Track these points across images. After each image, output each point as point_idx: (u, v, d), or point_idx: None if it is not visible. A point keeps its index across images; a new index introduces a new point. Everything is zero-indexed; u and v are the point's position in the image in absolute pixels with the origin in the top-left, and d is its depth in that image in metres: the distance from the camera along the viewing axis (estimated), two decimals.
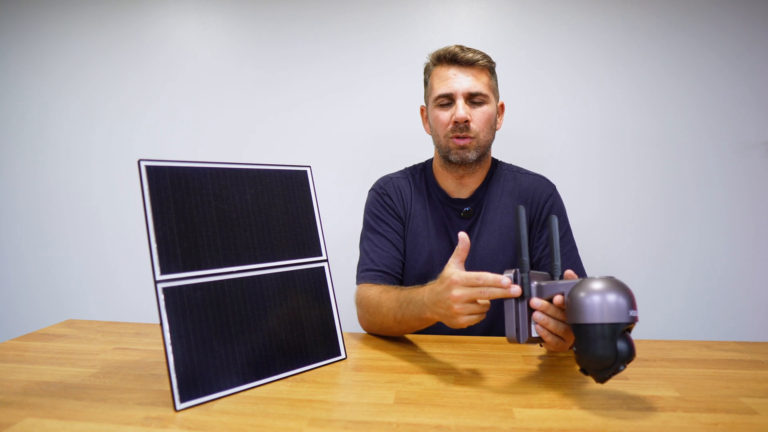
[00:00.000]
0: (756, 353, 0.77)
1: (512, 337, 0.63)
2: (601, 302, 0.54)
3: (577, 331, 0.56)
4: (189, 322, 0.59)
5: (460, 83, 0.95)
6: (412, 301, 0.77)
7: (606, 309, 0.54)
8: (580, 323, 0.55)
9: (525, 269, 0.64)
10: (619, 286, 0.56)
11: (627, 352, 0.54)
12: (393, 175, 1.10)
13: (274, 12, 1.58)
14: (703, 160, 1.45)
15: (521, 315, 0.63)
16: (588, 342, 0.55)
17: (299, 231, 0.74)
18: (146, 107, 1.65)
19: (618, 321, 0.54)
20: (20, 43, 1.69)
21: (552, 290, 0.62)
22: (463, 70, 0.96)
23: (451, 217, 1.03)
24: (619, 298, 0.54)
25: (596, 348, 0.54)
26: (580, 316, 0.55)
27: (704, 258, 1.45)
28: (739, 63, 1.42)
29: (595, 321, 0.54)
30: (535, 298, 0.63)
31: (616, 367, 0.54)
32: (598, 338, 0.54)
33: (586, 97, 1.48)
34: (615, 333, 0.54)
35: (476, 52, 0.96)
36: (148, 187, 0.59)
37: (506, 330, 0.64)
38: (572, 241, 1.01)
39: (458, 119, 0.94)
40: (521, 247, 0.65)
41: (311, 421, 0.53)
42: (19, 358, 0.74)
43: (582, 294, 0.56)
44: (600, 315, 0.54)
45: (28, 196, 1.71)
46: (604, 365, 0.54)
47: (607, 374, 0.55)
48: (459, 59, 0.95)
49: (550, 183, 1.06)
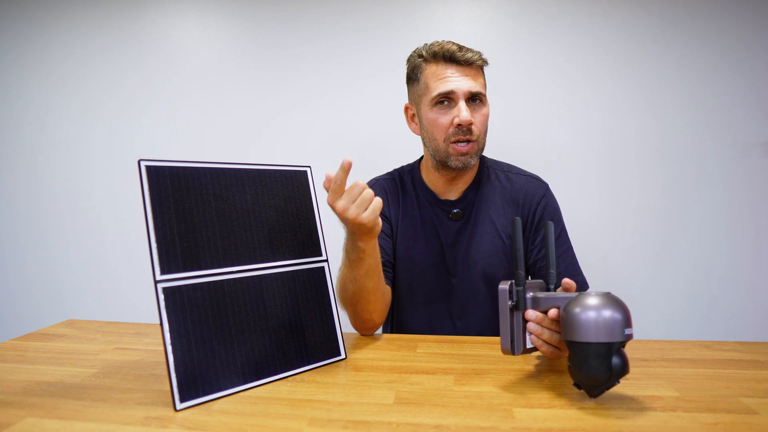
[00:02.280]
0: (756, 353, 0.77)
1: (507, 349, 0.63)
2: (596, 320, 0.54)
3: (571, 348, 0.56)
4: (189, 322, 0.59)
5: (461, 83, 0.91)
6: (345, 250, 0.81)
7: (602, 327, 0.53)
8: (575, 341, 0.55)
9: (521, 283, 0.64)
10: (615, 303, 0.55)
11: (620, 367, 0.54)
12: (380, 177, 1.09)
13: (274, 12, 1.58)
14: (703, 160, 1.45)
15: (516, 327, 0.63)
16: (582, 360, 0.55)
17: (299, 231, 0.74)
18: (146, 107, 1.65)
19: (613, 340, 0.53)
20: (20, 43, 1.69)
21: (548, 303, 0.62)
22: (462, 69, 0.92)
23: (440, 218, 1.01)
24: (615, 315, 0.53)
25: (590, 367, 0.54)
26: (575, 334, 0.55)
27: (704, 258, 1.45)
28: (739, 63, 1.42)
29: (590, 340, 0.54)
30: (530, 310, 0.63)
31: (611, 383, 0.55)
32: (592, 356, 0.54)
33: (586, 97, 1.48)
34: (610, 351, 0.53)
35: (472, 51, 0.93)
36: (148, 187, 0.59)
37: (501, 342, 0.64)
38: (567, 241, 1.00)
39: (463, 122, 0.90)
40: (517, 260, 0.65)
41: (311, 421, 0.53)
42: (19, 358, 0.74)
43: (578, 310, 0.55)
44: (595, 334, 0.53)
45: (28, 196, 1.71)
46: (598, 382, 0.55)
47: (601, 390, 0.55)
48: (458, 58, 0.91)
49: (542, 183, 1.04)
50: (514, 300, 0.63)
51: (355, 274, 0.81)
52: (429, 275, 1.00)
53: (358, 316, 0.87)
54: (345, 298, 0.86)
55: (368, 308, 0.85)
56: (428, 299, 1.01)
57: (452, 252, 1.00)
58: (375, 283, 0.83)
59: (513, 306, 0.63)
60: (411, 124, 1.03)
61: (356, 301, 0.85)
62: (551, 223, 0.67)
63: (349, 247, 0.80)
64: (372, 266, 0.81)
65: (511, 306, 0.63)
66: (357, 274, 0.81)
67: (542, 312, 0.63)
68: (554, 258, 0.66)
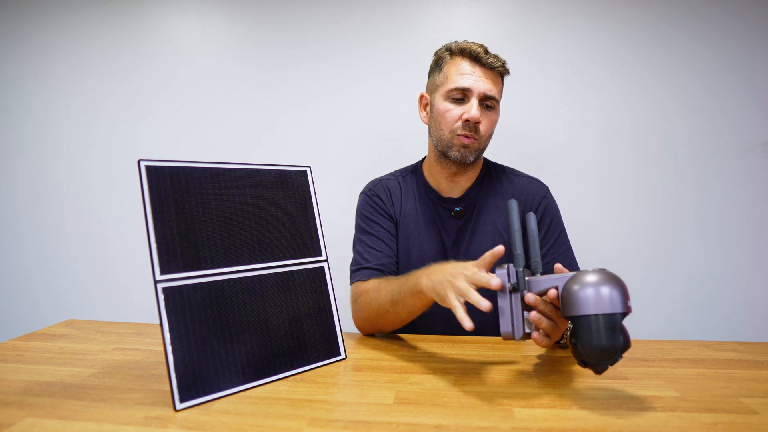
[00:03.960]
0: (756, 353, 0.77)
1: (508, 333, 0.62)
2: (601, 292, 0.55)
3: (578, 324, 0.56)
4: (189, 322, 0.59)
5: (479, 84, 0.93)
6: (412, 275, 0.79)
7: (608, 299, 0.54)
8: (582, 315, 0.55)
9: (519, 264, 0.63)
10: (613, 276, 0.56)
11: (624, 341, 0.55)
12: (382, 177, 1.10)
13: (274, 13, 1.58)
14: (702, 160, 1.45)
15: (515, 311, 0.62)
16: (591, 333, 0.54)
17: (299, 231, 0.74)
18: (147, 107, 1.65)
19: (619, 311, 0.54)
20: (21, 43, 1.69)
21: (546, 284, 0.62)
22: (483, 71, 0.95)
23: (443, 216, 1.03)
24: (618, 287, 0.55)
25: (600, 338, 0.54)
26: (581, 308, 0.55)
27: (703, 257, 1.45)
28: (738, 63, 1.42)
29: (598, 311, 0.54)
30: (529, 293, 0.62)
31: (617, 357, 0.55)
32: (602, 329, 0.54)
33: (585, 96, 1.48)
34: (617, 323, 0.54)
35: (498, 58, 0.96)
36: (148, 187, 0.60)
37: (501, 326, 0.63)
38: (567, 242, 1.00)
39: (472, 118, 0.92)
40: (514, 240, 0.64)
41: (311, 421, 0.53)
42: (19, 358, 0.74)
43: (580, 286, 0.56)
44: (602, 305, 0.54)
45: (30, 196, 1.72)
46: (606, 356, 0.55)
47: (607, 365, 0.55)
48: (482, 60, 0.94)
49: (543, 185, 1.05)
50: (513, 282, 0.62)
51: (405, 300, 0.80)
52: None
53: (369, 323, 0.89)
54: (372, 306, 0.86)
55: (386, 326, 0.88)
56: None
57: (454, 250, 1.01)
58: (408, 317, 0.84)
59: (512, 288, 0.62)
60: (421, 113, 1.05)
61: (380, 315, 0.85)
62: (532, 214, 0.68)
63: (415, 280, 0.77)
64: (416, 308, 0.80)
65: (510, 288, 0.62)
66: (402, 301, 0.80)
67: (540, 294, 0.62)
68: (537, 247, 0.66)
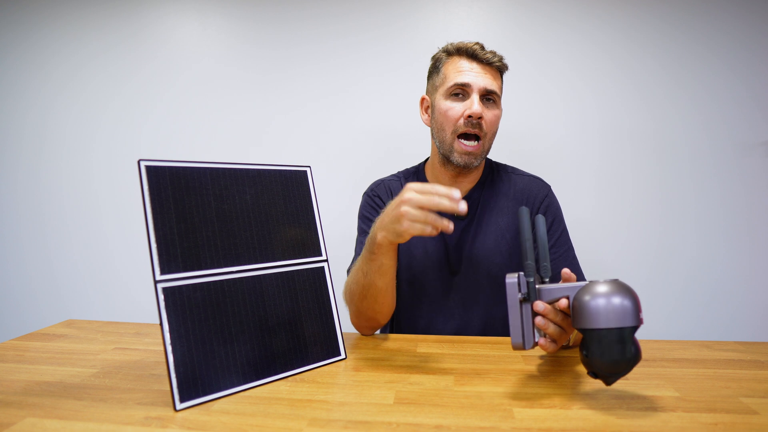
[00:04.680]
0: (756, 353, 0.77)
1: (518, 344, 0.61)
2: (614, 305, 0.54)
3: (590, 336, 0.55)
4: (189, 322, 0.59)
5: (478, 79, 0.93)
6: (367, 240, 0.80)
7: (621, 312, 0.53)
8: (595, 328, 0.54)
9: (530, 273, 0.62)
10: (626, 288, 0.55)
11: (635, 353, 0.54)
12: (385, 178, 1.10)
13: (274, 13, 1.58)
14: (702, 160, 1.45)
15: (526, 321, 0.61)
16: (602, 347, 0.54)
17: (299, 231, 0.74)
18: (147, 108, 1.65)
19: (630, 324, 0.53)
20: (21, 44, 1.69)
21: (557, 293, 0.61)
22: (482, 67, 0.95)
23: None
24: (631, 300, 0.54)
25: (612, 352, 0.53)
26: (592, 321, 0.54)
27: (703, 258, 1.45)
28: (738, 63, 1.42)
29: (609, 325, 0.53)
30: (539, 301, 0.61)
31: (628, 369, 0.54)
32: (613, 342, 0.53)
33: (585, 97, 1.48)
34: (629, 336, 0.54)
35: (495, 53, 0.96)
36: (148, 187, 0.60)
37: (512, 337, 0.62)
38: (568, 242, 1.00)
39: (473, 113, 0.92)
40: (526, 250, 0.64)
41: (311, 421, 0.53)
42: (19, 358, 0.74)
43: (591, 297, 0.55)
44: (614, 318, 0.53)
45: (30, 196, 1.72)
46: (618, 369, 0.54)
47: (618, 377, 0.56)
48: (479, 57, 0.94)
49: (545, 184, 1.05)
50: (524, 292, 0.61)
51: (368, 268, 0.81)
52: (431, 273, 1.01)
53: (361, 314, 0.87)
54: (353, 291, 0.87)
55: (374, 307, 0.86)
56: (430, 298, 1.01)
57: (456, 250, 1.01)
58: (385, 284, 0.83)
59: (523, 298, 0.61)
60: (423, 116, 1.05)
61: (363, 297, 0.85)
62: (542, 217, 0.67)
63: (370, 238, 0.79)
64: (385, 265, 0.80)
65: (521, 298, 0.61)
66: (369, 268, 0.81)
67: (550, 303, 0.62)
68: (547, 251, 0.65)
